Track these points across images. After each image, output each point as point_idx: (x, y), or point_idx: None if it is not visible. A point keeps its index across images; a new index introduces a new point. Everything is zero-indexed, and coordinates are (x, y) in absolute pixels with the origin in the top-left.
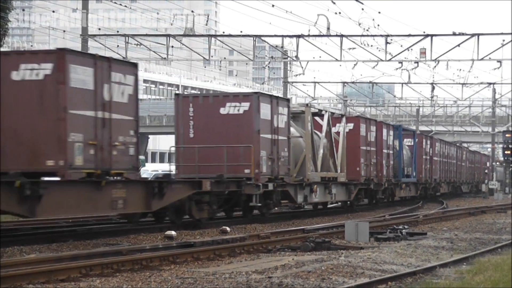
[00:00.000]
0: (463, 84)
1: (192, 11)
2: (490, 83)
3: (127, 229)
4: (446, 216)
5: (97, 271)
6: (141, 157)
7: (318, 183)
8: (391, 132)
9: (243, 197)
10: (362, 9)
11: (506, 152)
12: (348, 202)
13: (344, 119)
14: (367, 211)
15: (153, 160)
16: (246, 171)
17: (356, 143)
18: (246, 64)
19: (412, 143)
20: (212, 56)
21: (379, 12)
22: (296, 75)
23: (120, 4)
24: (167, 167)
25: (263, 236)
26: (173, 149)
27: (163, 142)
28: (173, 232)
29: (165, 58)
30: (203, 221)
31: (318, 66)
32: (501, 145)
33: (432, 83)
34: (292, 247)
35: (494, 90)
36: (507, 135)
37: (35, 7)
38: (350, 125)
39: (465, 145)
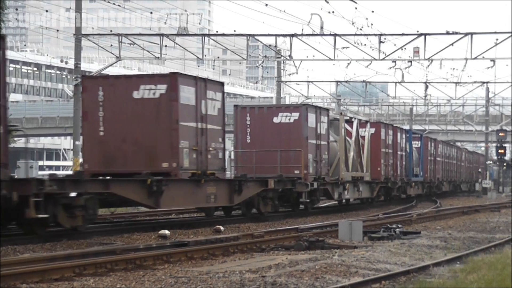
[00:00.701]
0: (456, 83)
1: (186, 11)
2: (483, 82)
3: (120, 228)
4: (440, 215)
5: (90, 271)
6: None
7: (350, 182)
8: (404, 136)
9: (294, 194)
10: (356, 8)
11: (499, 151)
12: (369, 199)
13: (368, 125)
14: (361, 210)
15: None
16: (296, 171)
17: (377, 146)
18: (240, 63)
19: (419, 145)
20: (205, 55)
21: (373, 11)
22: (290, 74)
23: (114, 4)
24: None
25: (257, 235)
26: (232, 152)
27: None
28: (166, 232)
29: (158, 57)
30: (265, 214)
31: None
32: (494, 144)
33: (425, 82)
34: (285, 246)
35: (487, 89)
36: (500, 134)
37: (28, 6)
38: (372, 130)
39: (458, 144)
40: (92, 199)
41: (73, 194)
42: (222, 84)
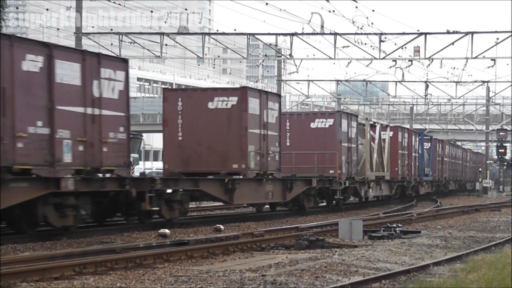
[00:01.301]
0: (457, 82)
1: (186, 9)
2: (484, 81)
3: (120, 227)
4: (440, 215)
5: (90, 269)
6: (135, 155)
7: (373, 181)
8: (417, 138)
9: (330, 191)
10: (356, 7)
11: (500, 150)
12: (388, 197)
13: (388, 128)
14: (361, 209)
15: (147, 159)
16: (331, 171)
17: (395, 148)
18: (240, 62)
19: (429, 147)
20: (206, 54)
21: (373, 10)
22: (290, 73)
23: (114, 2)
24: (161, 165)
25: (257, 234)
26: None
27: (157, 141)
28: (167, 230)
29: (159, 56)
30: (307, 209)
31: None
32: (495, 143)
33: (426, 81)
34: (286, 245)
35: (488, 88)
36: (501, 133)
37: (29, 5)
38: (391, 133)
39: (459, 143)
40: (185, 195)
41: (169, 191)
42: (279, 96)
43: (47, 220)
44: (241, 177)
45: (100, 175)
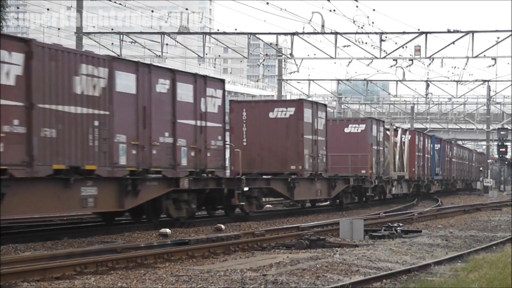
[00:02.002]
0: (457, 81)
1: (187, 9)
2: (484, 81)
3: (121, 227)
4: (441, 214)
5: (91, 269)
6: None
7: (396, 180)
8: (429, 141)
9: (362, 189)
10: (357, 6)
11: (501, 149)
12: (406, 194)
13: (407, 132)
14: (362, 209)
15: None
16: (363, 171)
17: (413, 150)
18: (241, 61)
19: (439, 148)
20: (206, 54)
21: (374, 10)
22: (291, 72)
23: (115, 2)
24: None
25: (258, 234)
26: None
27: None
28: (167, 230)
29: (159, 55)
30: (344, 206)
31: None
32: (495, 143)
33: (426, 81)
34: (286, 245)
35: (488, 88)
36: (502, 132)
37: (29, 5)
38: (409, 136)
39: (460, 142)
40: (260, 192)
41: (245, 189)
42: (325, 105)
43: (168, 212)
44: (298, 176)
45: (204, 175)
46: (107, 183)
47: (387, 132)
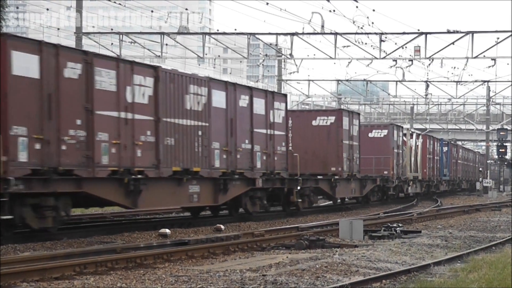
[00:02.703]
0: (457, 82)
1: (186, 9)
2: (484, 81)
3: (121, 227)
4: (441, 214)
5: (91, 269)
6: None
7: (411, 180)
8: (438, 144)
9: (385, 188)
10: (357, 7)
11: (500, 150)
12: (418, 193)
13: (420, 136)
14: (361, 209)
15: None
16: (385, 172)
17: (425, 152)
18: (240, 62)
19: (446, 151)
20: (206, 54)
21: (374, 10)
22: (290, 73)
23: (114, 2)
24: None
25: (257, 234)
26: None
27: None
28: (167, 230)
29: (159, 56)
30: (371, 202)
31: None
32: (495, 143)
33: (426, 81)
34: (286, 245)
35: (488, 88)
36: (501, 133)
37: (29, 5)
38: (421, 140)
39: (459, 143)
40: (310, 190)
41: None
42: (359, 114)
43: (246, 207)
44: (338, 177)
45: (273, 176)
46: (207, 182)
47: (405, 136)
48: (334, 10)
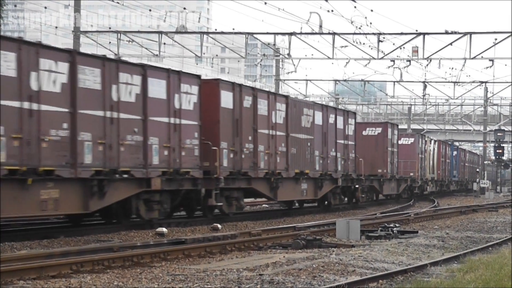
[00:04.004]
0: (455, 82)
1: (184, 8)
2: (482, 82)
3: (118, 226)
4: (438, 215)
5: (88, 268)
6: None
7: (430, 180)
8: (449, 148)
9: (412, 187)
10: (355, 7)
11: (497, 151)
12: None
13: (437, 142)
14: (358, 209)
15: None
16: (411, 174)
17: (439, 156)
18: (238, 61)
19: (455, 154)
20: (204, 53)
21: (372, 10)
22: (288, 72)
23: (113, 1)
24: None
25: (254, 234)
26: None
27: None
28: (164, 229)
29: (157, 55)
30: (402, 198)
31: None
32: (492, 144)
33: (424, 82)
34: (283, 245)
35: (486, 89)
36: (498, 134)
37: (27, 3)
38: (436, 145)
39: (456, 143)
40: (367, 188)
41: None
42: (397, 125)
43: (329, 201)
44: (384, 177)
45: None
46: (311, 181)
47: (426, 142)
48: (332, 10)
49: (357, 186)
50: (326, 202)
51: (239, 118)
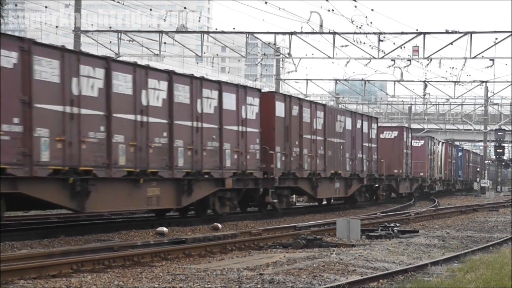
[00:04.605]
0: (455, 82)
1: (185, 8)
2: (482, 81)
3: (118, 225)
4: (438, 214)
5: (88, 267)
6: None
7: (438, 180)
8: (454, 150)
9: (422, 186)
10: (355, 6)
11: (498, 150)
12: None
13: (445, 144)
14: (359, 209)
15: None
16: (421, 174)
17: (446, 157)
18: (239, 61)
19: (460, 155)
20: (204, 53)
21: (372, 10)
22: (289, 72)
23: (113, 0)
24: None
25: (255, 233)
26: None
27: None
28: (164, 229)
29: (157, 54)
30: (414, 196)
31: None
32: (493, 143)
33: (424, 81)
34: (283, 244)
35: (486, 88)
36: (499, 133)
37: (27, 3)
38: (444, 146)
39: (457, 143)
40: (384, 188)
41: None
42: (412, 129)
43: (357, 198)
44: (400, 177)
45: (374, 176)
46: (343, 180)
47: (435, 144)
48: (332, 10)
49: (377, 185)
50: (352, 200)
51: (289, 125)
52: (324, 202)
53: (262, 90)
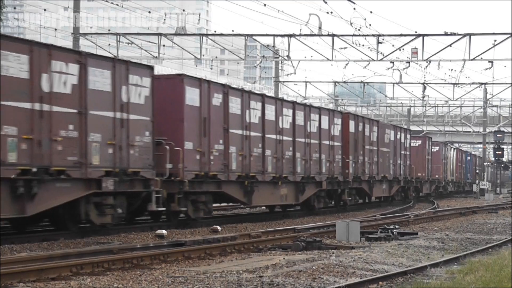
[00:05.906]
0: (454, 84)
1: (184, 10)
2: (481, 83)
3: (118, 228)
4: (437, 216)
5: (87, 270)
6: None
7: (450, 182)
8: (464, 155)
9: (438, 187)
10: (354, 8)
11: (497, 152)
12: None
13: (456, 150)
14: (358, 211)
15: None
16: (436, 176)
17: (457, 161)
18: (238, 63)
19: (469, 159)
20: (203, 55)
21: (371, 12)
22: (288, 74)
23: (112, 3)
24: None
25: (254, 236)
26: None
27: None
28: (164, 231)
29: (156, 57)
30: (431, 197)
31: (310, 65)
32: (492, 145)
33: (423, 83)
34: (283, 247)
35: (485, 90)
36: (498, 135)
37: (26, 5)
38: (455, 151)
39: (456, 145)
40: (413, 189)
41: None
42: (431, 138)
43: (394, 197)
44: (423, 180)
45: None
46: (388, 182)
47: (448, 149)
48: (331, 12)
49: (409, 186)
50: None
51: (357, 139)
52: (373, 199)
53: (343, 112)
